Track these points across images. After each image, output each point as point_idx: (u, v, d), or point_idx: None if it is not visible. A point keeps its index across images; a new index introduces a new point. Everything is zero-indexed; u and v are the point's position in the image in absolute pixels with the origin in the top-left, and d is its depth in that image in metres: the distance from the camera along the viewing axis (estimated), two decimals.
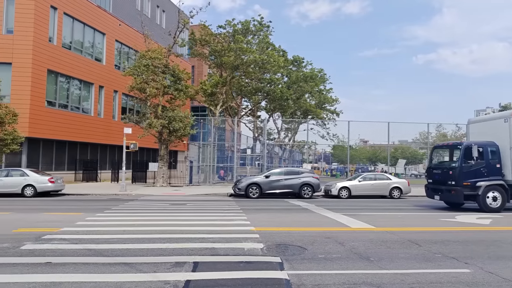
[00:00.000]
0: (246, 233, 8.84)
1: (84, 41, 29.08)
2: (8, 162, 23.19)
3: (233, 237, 8.37)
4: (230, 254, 6.84)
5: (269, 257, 6.64)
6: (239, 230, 9.22)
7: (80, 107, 28.84)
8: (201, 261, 6.32)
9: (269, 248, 7.39)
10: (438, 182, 15.07)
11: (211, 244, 7.56)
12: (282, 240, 8.11)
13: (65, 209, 13.35)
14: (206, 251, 7.03)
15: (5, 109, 20.13)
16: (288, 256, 6.75)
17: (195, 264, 6.14)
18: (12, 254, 6.63)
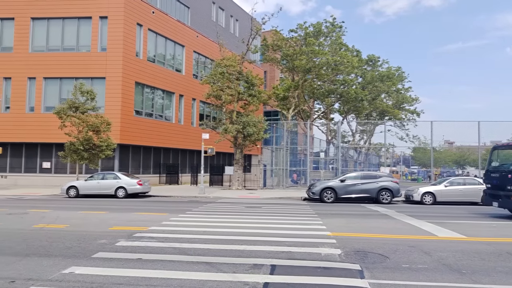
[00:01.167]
0: (322, 238, 8.68)
1: (166, 53, 31.34)
2: (103, 166, 25.87)
3: (309, 241, 8.28)
4: (307, 258, 6.78)
5: (347, 264, 6.44)
6: (315, 235, 9.09)
7: (163, 115, 31.08)
8: (278, 264, 6.36)
9: (347, 254, 7.16)
10: (497, 187, 13.34)
11: (287, 248, 7.57)
12: (361, 247, 7.80)
13: (152, 209, 14.44)
14: (283, 254, 7.06)
15: (100, 119, 22.53)
16: (368, 264, 6.47)
17: (272, 267, 6.20)
18: (109, 249, 7.35)
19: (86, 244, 7.81)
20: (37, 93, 26.95)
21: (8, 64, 26.76)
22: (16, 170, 27.40)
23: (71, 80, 26.21)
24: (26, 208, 14.29)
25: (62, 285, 5.20)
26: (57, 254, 6.93)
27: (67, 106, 22.22)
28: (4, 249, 7.31)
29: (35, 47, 27.38)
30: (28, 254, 6.90)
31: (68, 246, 7.57)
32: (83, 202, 17.07)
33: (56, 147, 26.09)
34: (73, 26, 27.19)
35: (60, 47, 27.27)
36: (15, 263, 6.28)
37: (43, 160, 27.30)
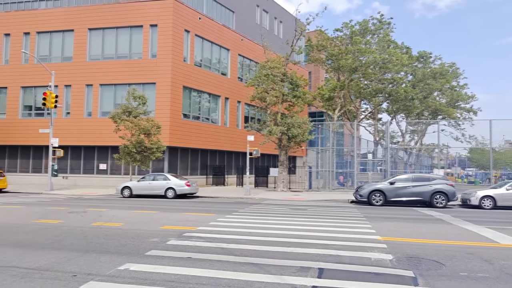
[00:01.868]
0: (371, 242, 8.41)
1: (212, 58, 32.11)
2: (154, 168, 27.00)
3: (358, 245, 8.06)
4: (356, 263, 6.60)
5: (400, 270, 6.18)
6: (364, 239, 8.83)
7: (209, 118, 31.84)
8: (326, 267, 6.26)
9: (399, 260, 6.87)
10: None
11: (335, 251, 7.41)
12: (414, 253, 7.45)
13: (200, 210, 14.83)
14: (331, 258, 6.93)
15: (151, 122, 23.55)
16: (422, 271, 6.16)
17: (320, 270, 6.11)
18: (160, 247, 7.65)
19: (139, 242, 8.19)
20: (94, 99, 28.76)
21: (68, 73, 28.83)
22: (75, 171, 29.40)
23: (124, 86, 27.67)
24: (85, 207, 15.27)
25: (118, 280, 5.49)
26: (113, 251, 7.34)
27: (121, 110, 23.49)
28: (67, 245, 7.87)
29: (92, 56, 29.25)
30: (88, 250, 7.37)
31: (123, 244, 7.98)
32: (136, 202, 17.92)
33: (111, 149, 27.65)
34: (125, 35, 28.71)
35: (114, 55, 28.90)
36: (77, 258, 6.74)
37: (99, 162, 29.04)
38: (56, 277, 5.60)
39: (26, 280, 5.48)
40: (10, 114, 30.20)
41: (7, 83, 30.20)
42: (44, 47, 30.18)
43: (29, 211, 13.58)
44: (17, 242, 8.07)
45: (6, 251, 7.20)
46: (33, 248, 7.48)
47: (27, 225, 10.46)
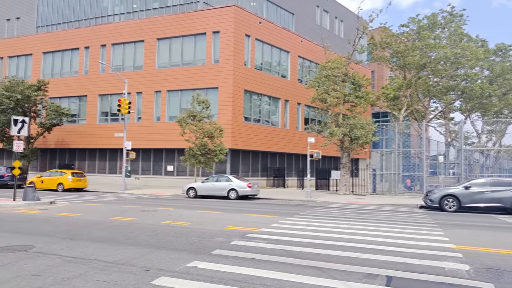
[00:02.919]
0: (444, 251, 7.85)
1: (272, 61, 32.38)
2: (216, 169, 27.88)
3: (429, 253, 7.57)
4: (428, 272, 6.20)
5: (478, 282, 5.69)
6: (436, 247, 8.27)
7: (269, 121, 32.11)
8: (394, 275, 5.97)
9: (477, 271, 6.33)
10: None
11: (404, 259, 7.04)
12: (494, 264, 6.82)
13: (261, 211, 15.00)
14: (400, 265, 6.59)
15: (214, 126, 24.38)
16: (505, 284, 5.62)
17: (388, 278, 5.85)
18: (225, 247, 7.88)
19: (205, 241, 8.51)
20: (162, 105, 30.53)
21: (140, 80, 30.94)
22: (146, 173, 31.42)
23: (189, 92, 28.98)
24: (155, 206, 16.24)
25: (187, 277, 5.75)
26: (181, 248, 7.71)
27: (186, 115, 24.64)
28: (141, 241, 8.43)
29: (160, 64, 31.09)
30: (159, 247, 7.82)
31: (190, 242, 8.36)
32: (200, 202, 18.65)
33: (178, 152, 29.09)
34: (190, 43, 30.09)
35: (180, 62, 30.44)
36: (149, 254, 7.19)
37: (167, 163, 30.73)
38: (131, 271, 6.03)
39: (105, 272, 5.97)
40: (90, 120, 33.19)
41: (87, 91, 33.25)
42: (118, 57, 32.73)
43: (106, 209, 14.79)
44: (98, 237, 8.83)
45: (88, 245, 7.92)
46: (111, 243, 8.13)
47: (105, 222, 11.41)
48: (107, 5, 36.87)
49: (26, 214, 12.97)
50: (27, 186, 16.71)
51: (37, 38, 36.35)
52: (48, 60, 35.49)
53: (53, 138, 32.94)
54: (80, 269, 6.10)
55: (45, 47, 35.38)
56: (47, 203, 16.04)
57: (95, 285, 5.36)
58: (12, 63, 37.04)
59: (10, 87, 28.52)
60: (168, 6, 33.91)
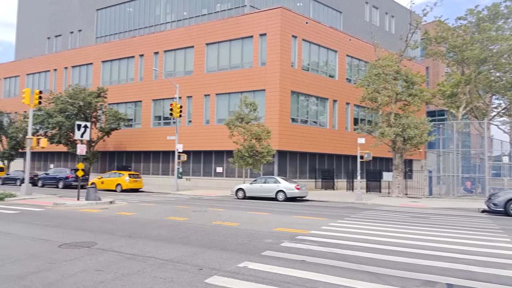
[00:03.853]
0: (511, 259, 7.25)
1: (319, 61, 31.96)
2: (264, 171, 28.03)
3: (494, 261, 7.04)
4: (492, 281, 5.77)
5: None
6: (502, 254, 7.67)
7: (317, 121, 31.69)
8: (455, 284, 5.63)
9: None
10: None
11: (466, 266, 6.61)
12: None
13: (310, 213, 14.84)
14: (461, 273, 6.19)
15: (261, 127, 24.55)
16: None
17: (448, 286, 5.52)
18: (275, 249, 7.90)
19: (255, 242, 8.59)
20: (211, 108, 31.32)
21: (190, 85, 32.00)
22: (196, 174, 32.38)
23: (237, 94, 29.47)
24: (206, 206, 16.69)
25: (239, 277, 5.85)
26: (232, 249, 7.85)
27: (234, 117, 25.07)
28: (193, 241, 8.71)
29: (209, 68, 31.93)
30: (211, 247, 8.03)
31: (240, 243, 8.48)
32: (249, 203, 18.86)
33: (227, 154, 29.66)
34: (238, 47, 30.60)
35: (228, 66, 31.05)
36: (202, 253, 7.40)
37: (216, 165, 31.45)
38: (186, 269, 6.25)
39: (162, 269, 6.24)
40: (144, 124, 34.90)
41: (141, 97, 35.01)
42: (169, 63, 34.12)
43: (160, 209, 15.45)
44: (154, 236, 9.26)
45: (146, 243, 8.33)
46: (166, 242, 8.48)
47: (160, 221, 11.92)
48: (160, 14, 38.62)
49: (89, 213, 13.93)
50: (89, 187, 17.93)
51: (96, 48, 38.95)
52: (107, 68, 37.87)
53: (111, 141, 35.07)
54: (138, 266, 6.43)
55: (103, 57, 37.81)
56: (107, 203, 17.10)
57: (152, 281, 5.62)
58: (75, 72, 40.01)
59: (74, 95, 30.82)
60: (216, 11, 34.79)
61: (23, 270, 6.09)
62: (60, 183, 28.13)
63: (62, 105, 30.38)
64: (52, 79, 41.40)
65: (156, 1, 39.26)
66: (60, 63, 40.96)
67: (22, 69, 44.34)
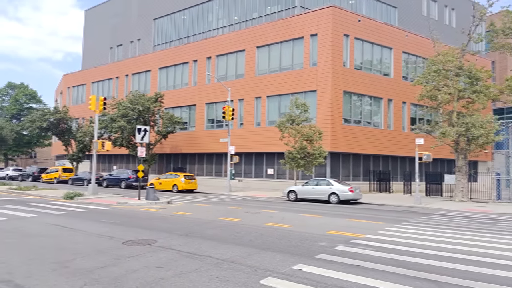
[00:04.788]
0: None
1: (372, 59, 30.92)
2: (316, 173, 27.68)
3: None
4: None
5: None
6: None
7: (371, 122, 30.66)
8: None
9: None
10: None
11: None
12: None
13: (365, 217, 14.39)
14: None
15: (313, 129, 24.29)
16: None
17: None
18: (329, 252, 7.78)
19: (308, 244, 8.53)
20: (262, 110, 31.59)
21: (241, 88, 32.56)
22: (248, 175, 32.82)
23: (287, 96, 29.43)
24: (258, 208, 16.87)
25: (293, 279, 5.85)
26: (285, 251, 7.86)
27: (285, 119, 25.07)
28: (247, 241, 8.85)
29: (260, 71, 32.25)
30: (264, 248, 8.11)
31: (294, 245, 8.47)
32: (301, 206, 18.73)
33: (278, 155, 29.72)
34: (288, 48, 30.58)
35: (278, 68, 31.14)
36: (255, 254, 7.50)
37: (267, 167, 31.63)
38: (240, 269, 6.38)
39: (218, 269, 6.43)
40: (198, 127, 36.10)
41: (195, 101, 36.27)
42: (221, 67, 34.99)
43: (214, 210, 15.88)
44: (209, 235, 9.55)
45: (201, 243, 8.62)
46: (220, 242, 8.71)
47: (214, 221, 12.27)
48: (212, 20, 39.77)
49: (149, 212, 14.70)
50: (149, 187, 18.93)
51: (154, 56, 41.04)
52: (163, 74, 39.75)
53: (168, 144, 36.71)
54: (196, 264, 6.68)
55: (160, 63, 39.75)
56: (165, 203, 17.94)
57: (209, 280, 5.81)
58: (135, 79, 42.48)
59: (134, 100, 32.73)
60: (266, 14, 35.06)
61: (92, 265, 6.59)
62: (123, 184, 29.99)
63: (124, 110, 32.38)
64: (115, 86, 44.32)
65: (208, 8, 40.51)
66: (121, 71, 43.75)
67: (88, 77, 48.01)
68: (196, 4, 41.15)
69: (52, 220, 11.89)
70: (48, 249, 7.84)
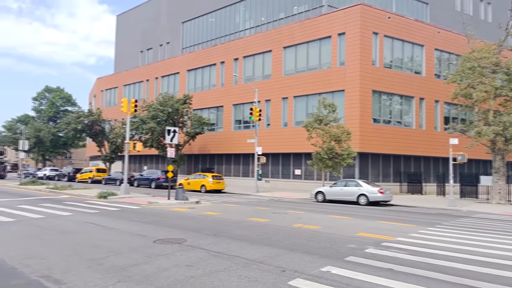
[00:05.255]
0: None
1: (403, 57, 30.10)
2: (344, 174, 27.25)
3: None
4: None
5: None
6: None
7: (401, 121, 29.84)
8: None
9: None
10: None
11: None
12: None
13: (395, 219, 14.01)
14: None
15: (341, 129, 23.92)
16: None
17: None
18: (359, 255, 7.63)
19: (337, 246, 8.40)
20: (289, 110, 31.46)
21: (268, 89, 32.57)
22: (275, 176, 32.76)
23: (314, 96, 29.15)
24: (285, 209, 16.80)
25: (322, 281, 5.77)
26: (314, 252, 7.78)
27: (313, 119, 24.83)
28: (275, 242, 8.83)
29: (287, 71, 32.14)
30: (292, 249, 8.06)
31: (322, 246, 8.36)
32: (329, 207, 18.49)
33: (305, 156, 29.50)
34: (315, 48, 30.29)
35: (305, 68, 30.92)
36: (283, 255, 7.47)
37: (295, 167, 31.45)
38: (269, 270, 6.37)
39: (246, 269, 6.45)
40: (225, 128, 36.42)
41: (222, 102, 36.62)
42: (248, 68, 35.14)
43: (242, 210, 15.96)
44: (237, 236, 9.60)
45: (230, 242, 8.68)
46: (248, 242, 8.74)
47: (242, 221, 12.32)
48: (239, 21, 40.06)
49: (178, 212, 14.97)
50: (178, 188, 19.27)
51: (182, 59, 41.79)
52: (191, 76, 40.39)
53: (196, 145, 37.26)
54: (224, 264, 6.73)
55: (188, 66, 40.41)
56: (194, 203, 18.21)
57: (238, 279, 5.83)
58: (164, 82, 43.41)
59: (163, 102, 33.45)
60: (293, 14, 34.91)
61: (125, 262, 6.78)
62: (153, 184, 30.70)
63: (154, 112, 33.16)
64: (145, 88, 45.48)
65: (235, 9, 40.83)
66: (151, 74, 44.83)
67: (120, 80, 49.53)
68: (223, 6, 41.59)
69: (86, 218, 12.34)
70: (83, 246, 8.14)
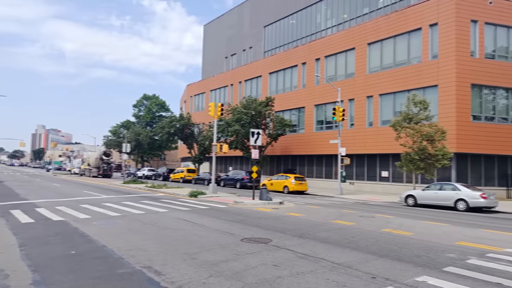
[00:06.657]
0: None
1: (508, 45, 26.64)
2: (439, 176, 25.05)
3: None
4: None
5: None
6: None
7: (508, 118, 26.42)
8: None
9: None
10: None
11: None
12: None
13: (502, 227, 12.45)
14: None
15: (434, 128, 22.04)
16: None
17: None
18: (459, 265, 6.95)
19: (433, 255, 7.76)
20: (374, 109, 30.01)
21: (351, 88, 31.51)
22: (360, 178, 31.51)
23: (403, 93, 27.37)
24: (372, 212, 16.05)
25: None
26: (407, 260, 7.30)
27: (401, 118, 23.30)
28: (362, 247, 8.50)
29: (371, 68, 30.72)
30: (382, 255, 7.67)
31: (416, 255, 7.80)
32: (421, 212, 17.16)
33: (393, 157, 27.85)
34: (403, 42, 28.44)
35: (392, 63, 29.20)
36: (373, 261, 7.15)
37: (381, 169, 29.88)
38: (357, 276, 6.15)
39: (333, 272, 6.32)
40: (307, 129, 36.18)
41: (304, 103, 36.45)
42: (330, 68, 34.43)
43: (326, 212, 15.68)
44: (322, 238, 9.47)
45: (315, 244, 8.60)
46: (334, 245, 8.55)
47: (327, 224, 12.11)
48: (320, 21, 39.54)
49: (262, 212, 15.30)
50: (262, 188, 19.70)
51: (264, 62, 42.65)
52: (273, 79, 41.01)
53: (278, 146, 37.69)
54: (311, 266, 6.68)
55: (270, 68, 41.10)
56: (277, 203, 18.44)
57: (325, 283, 5.74)
58: (247, 85, 44.80)
59: (247, 105, 34.52)
60: (378, 8, 33.31)
61: (215, 258, 7.15)
62: (238, 184, 31.88)
63: (238, 115, 34.41)
64: (230, 92, 47.48)
65: (317, 9, 40.37)
66: (235, 78, 46.64)
67: (207, 86, 52.45)
68: (304, 7, 41.46)
69: (180, 215, 13.31)
70: (178, 240, 8.79)
